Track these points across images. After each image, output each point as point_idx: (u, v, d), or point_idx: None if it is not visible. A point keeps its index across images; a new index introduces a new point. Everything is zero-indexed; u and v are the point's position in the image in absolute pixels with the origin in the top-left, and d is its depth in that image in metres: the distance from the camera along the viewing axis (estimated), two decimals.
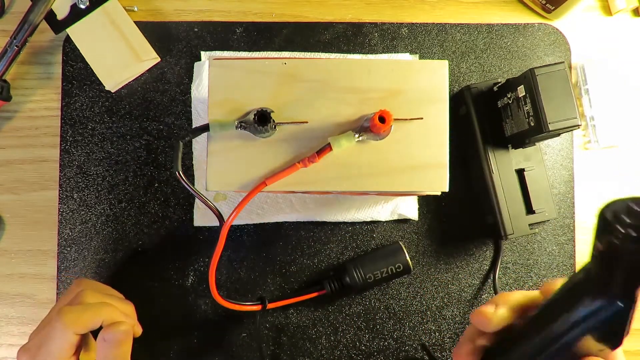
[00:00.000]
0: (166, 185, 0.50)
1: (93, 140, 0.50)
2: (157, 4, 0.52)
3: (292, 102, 0.39)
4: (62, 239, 0.50)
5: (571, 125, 0.41)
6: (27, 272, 0.50)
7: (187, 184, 0.38)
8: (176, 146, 0.38)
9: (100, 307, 0.37)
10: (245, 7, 0.52)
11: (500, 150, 0.47)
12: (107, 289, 0.44)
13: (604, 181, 0.52)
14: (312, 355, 0.49)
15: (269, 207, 0.49)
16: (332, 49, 0.51)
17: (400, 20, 0.52)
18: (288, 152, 0.39)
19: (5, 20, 0.52)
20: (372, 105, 0.39)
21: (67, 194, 0.50)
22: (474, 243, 0.50)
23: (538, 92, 0.41)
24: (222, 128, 0.38)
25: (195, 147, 0.50)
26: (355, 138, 0.38)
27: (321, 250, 0.50)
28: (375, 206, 0.49)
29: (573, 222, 0.51)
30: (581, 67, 0.51)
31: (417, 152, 0.39)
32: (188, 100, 0.51)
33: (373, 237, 0.50)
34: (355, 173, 0.39)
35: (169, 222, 0.50)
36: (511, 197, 0.47)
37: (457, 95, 0.50)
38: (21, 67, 0.51)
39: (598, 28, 0.53)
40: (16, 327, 0.50)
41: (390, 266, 0.47)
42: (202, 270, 0.50)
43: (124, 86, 0.51)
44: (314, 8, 0.52)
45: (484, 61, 0.52)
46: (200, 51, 0.51)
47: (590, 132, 0.51)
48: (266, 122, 0.37)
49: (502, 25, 0.52)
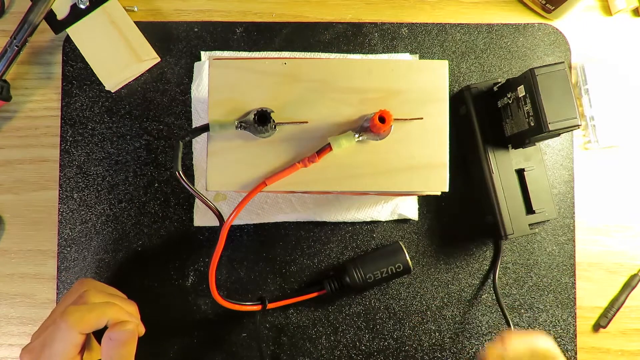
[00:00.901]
0: (166, 185, 0.50)
1: (93, 140, 0.50)
2: (157, 4, 0.52)
3: (292, 102, 0.39)
4: (62, 239, 0.50)
5: (571, 125, 0.41)
6: (27, 272, 0.50)
7: (187, 183, 0.38)
8: (176, 146, 0.38)
9: (106, 306, 0.37)
10: (245, 7, 0.52)
11: (500, 150, 0.47)
12: (110, 288, 0.44)
13: (604, 181, 0.52)
14: (312, 355, 0.49)
15: (269, 207, 0.49)
16: (332, 49, 0.51)
17: (400, 20, 0.52)
18: (288, 152, 0.39)
19: (5, 20, 0.52)
20: (372, 105, 0.39)
21: (67, 194, 0.50)
22: (474, 243, 0.50)
23: (538, 92, 0.41)
24: (222, 128, 0.38)
25: (195, 147, 0.50)
26: (355, 138, 0.38)
27: (321, 250, 0.50)
28: (375, 206, 0.49)
29: (573, 222, 0.51)
30: (581, 67, 0.51)
31: (417, 152, 0.39)
32: (188, 100, 0.51)
33: (373, 237, 0.50)
34: (355, 173, 0.39)
35: (169, 222, 0.50)
36: (511, 197, 0.47)
37: (457, 95, 0.50)
38: (21, 67, 0.51)
39: (598, 28, 0.53)
40: (16, 327, 0.50)
41: (391, 266, 0.47)
42: (202, 270, 0.50)
43: (124, 86, 0.51)
44: (314, 8, 0.53)
45: (484, 61, 0.52)
46: (200, 51, 0.51)
47: (590, 132, 0.51)
48: (266, 122, 0.37)
49: (502, 25, 0.52)
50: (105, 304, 0.38)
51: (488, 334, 0.50)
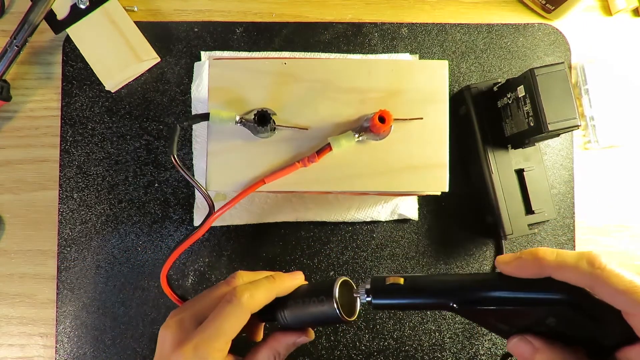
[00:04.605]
0: (166, 185, 0.50)
1: (93, 140, 0.50)
2: (157, 4, 0.52)
3: (292, 102, 0.39)
4: (62, 239, 0.50)
5: (571, 126, 0.41)
6: (27, 272, 0.50)
7: (181, 168, 0.38)
8: (174, 130, 0.38)
9: (270, 281, 0.36)
10: (245, 7, 0.52)
11: (500, 151, 0.47)
12: (261, 273, 0.39)
13: (604, 181, 0.52)
14: (312, 355, 0.49)
15: (269, 207, 0.49)
16: (332, 49, 0.51)
17: (400, 20, 0.52)
18: (288, 152, 0.39)
19: (5, 20, 0.52)
20: (372, 105, 0.39)
21: (67, 194, 0.50)
22: (474, 243, 0.50)
23: (538, 92, 0.41)
24: (222, 121, 0.38)
25: (195, 147, 0.50)
26: (355, 138, 0.38)
27: (321, 250, 0.50)
28: (375, 206, 0.49)
29: (573, 222, 0.51)
30: (581, 67, 0.51)
31: (417, 152, 0.39)
32: (188, 100, 0.51)
33: (373, 237, 0.50)
34: (355, 173, 0.39)
35: (169, 222, 0.50)
36: (511, 198, 0.47)
37: (457, 95, 0.50)
38: (21, 67, 0.51)
39: (598, 28, 0.53)
40: (16, 327, 0.50)
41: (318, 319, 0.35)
42: (202, 270, 0.50)
43: (124, 86, 0.51)
44: (314, 8, 0.53)
45: (484, 61, 0.52)
46: (200, 51, 0.51)
47: (590, 132, 0.51)
48: (266, 123, 0.37)
49: (502, 25, 0.52)
50: (268, 279, 0.36)
51: (488, 334, 0.50)
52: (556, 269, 0.27)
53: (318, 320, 0.34)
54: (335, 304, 0.33)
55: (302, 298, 0.35)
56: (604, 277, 0.25)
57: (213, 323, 0.33)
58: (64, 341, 0.49)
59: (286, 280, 0.36)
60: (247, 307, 0.33)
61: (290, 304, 0.35)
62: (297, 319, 0.35)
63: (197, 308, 0.35)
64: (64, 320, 0.49)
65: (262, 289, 0.34)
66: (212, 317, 0.33)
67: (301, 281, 0.37)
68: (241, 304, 0.33)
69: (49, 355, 0.49)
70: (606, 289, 0.25)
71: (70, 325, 0.49)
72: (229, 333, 0.33)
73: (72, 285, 0.49)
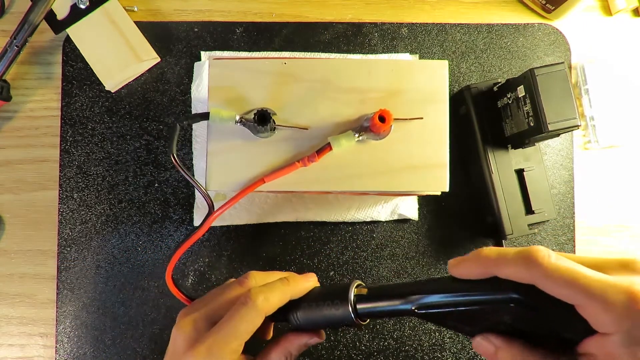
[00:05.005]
0: (166, 185, 0.50)
1: (93, 140, 0.50)
2: (157, 4, 0.52)
3: (292, 102, 0.39)
4: (62, 239, 0.50)
5: (571, 126, 0.41)
6: (27, 272, 0.50)
7: (181, 168, 0.38)
8: (173, 128, 0.38)
9: (284, 284, 0.35)
10: (245, 7, 0.52)
11: (500, 151, 0.47)
12: (273, 274, 0.39)
13: (604, 181, 0.52)
14: (312, 355, 0.49)
15: (269, 207, 0.49)
16: (332, 49, 0.51)
17: (400, 20, 0.52)
18: (288, 152, 0.39)
19: (5, 20, 0.52)
20: (372, 105, 0.39)
21: (67, 194, 0.50)
22: (474, 243, 0.50)
23: (538, 92, 0.41)
24: (222, 121, 0.38)
25: (195, 147, 0.50)
26: (355, 138, 0.38)
27: (321, 250, 0.50)
28: (375, 206, 0.49)
29: (573, 222, 0.51)
30: (581, 67, 0.51)
31: (417, 152, 0.39)
32: (188, 100, 0.51)
33: (373, 237, 0.50)
34: (355, 173, 0.39)
35: (169, 222, 0.50)
36: (511, 198, 0.47)
37: (457, 95, 0.50)
38: (21, 67, 0.51)
39: (598, 28, 0.53)
40: (16, 327, 0.50)
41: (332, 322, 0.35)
42: (202, 270, 0.50)
43: (124, 86, 0.51)
44: (314, 8, 0.53)
45: (484, 61, 0.52)
46: (200, 51, 0.51)
47: (590, 132, 0.51)
48: (266, 122, 0.37)
49: (502, 25, 0.52)
50: (282, 281, 0.35)
51: None
52: (498, 267, 0.26)
53: (331, 323, 0.34)
54: (351, 307, 0.33)
55: (316, 301, 0.35)
56: (544, 273, 0.24)
57: (227, 325, 0.33)
58: (64, 341, 0.49)
59: (300, 283, 0.36)
60: (262, 310, 0.33)
61: (303, 306, 0.35)
62: (310, 321, 0.35)
63: (211, 308, 0.35)
64: (64, 320, 0.49)
65: (277, 292, 0.34)
66: (227, 319, 0.33)
67: (314, 283, 0.37)
68: (256, 307, 0.33)
69: (49, 355, 0.49)
70: (549, 284, 0.24)
71: (70, 325, 0.49)
72: (243, 335, 0.33)
73: (72, 285, 0.49)
